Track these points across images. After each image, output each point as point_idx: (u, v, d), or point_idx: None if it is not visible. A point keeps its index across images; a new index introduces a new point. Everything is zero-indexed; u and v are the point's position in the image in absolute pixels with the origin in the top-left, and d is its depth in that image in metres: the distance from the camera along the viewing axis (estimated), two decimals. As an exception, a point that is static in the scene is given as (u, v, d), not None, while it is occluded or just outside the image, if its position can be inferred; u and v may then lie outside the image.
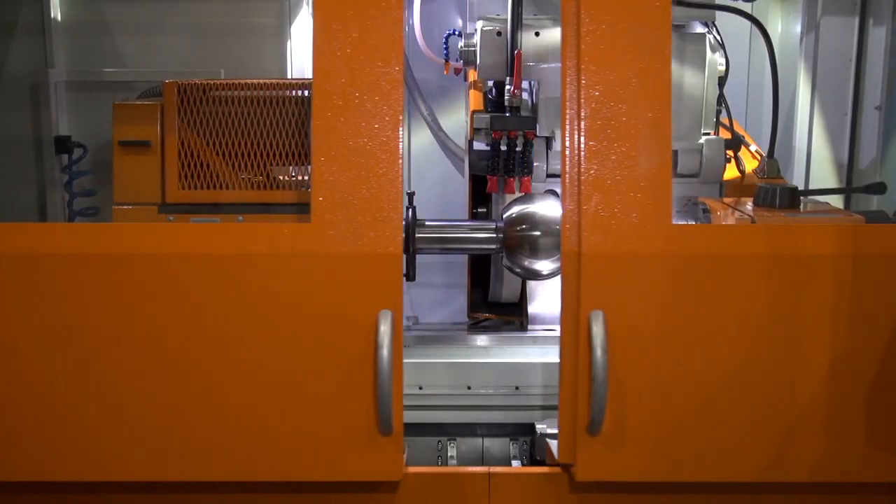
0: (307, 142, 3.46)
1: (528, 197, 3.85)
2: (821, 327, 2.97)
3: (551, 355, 3.78)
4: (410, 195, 3.83)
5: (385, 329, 2.84)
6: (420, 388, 3.71)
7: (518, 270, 3.83)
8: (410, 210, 3.84)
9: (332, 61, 2.92)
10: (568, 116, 2.97)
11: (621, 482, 3.12)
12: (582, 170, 2.95)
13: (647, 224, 2.95)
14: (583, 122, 2.95)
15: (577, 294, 2.95)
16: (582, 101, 2.95)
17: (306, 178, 3.47)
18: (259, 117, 3.44)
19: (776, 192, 3.36)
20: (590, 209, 2.96)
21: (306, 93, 3.45)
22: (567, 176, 2.98)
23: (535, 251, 3.72)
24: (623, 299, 2.96)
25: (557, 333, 3.95)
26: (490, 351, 3.90)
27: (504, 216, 3.81)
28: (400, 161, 2.92)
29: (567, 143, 2.97)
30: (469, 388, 3.71)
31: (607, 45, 2.98)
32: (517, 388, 3.70)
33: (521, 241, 3.73)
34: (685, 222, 3.82)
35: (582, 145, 2.95)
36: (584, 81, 2.96)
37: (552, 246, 3.70)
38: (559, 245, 3.72)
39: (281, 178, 3.49)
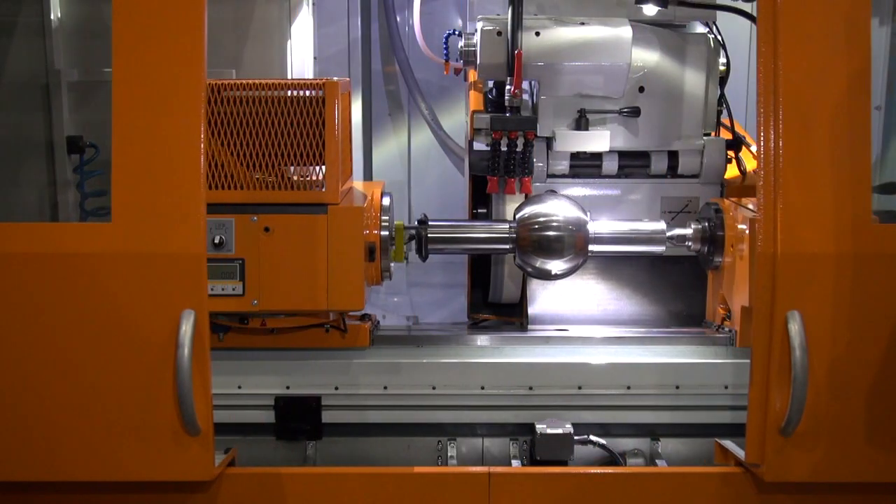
0: (320, 141, 3.44)
1: (540, 197, 3.86)
2: None
3: (565, 355, 3.79)
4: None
5: (186, 329, 2.84)
6: (433, 387, 3.71)
7: (530, 270, 3.83)
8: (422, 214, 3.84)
9: (132, 60, 2.89)
10: (762, 115, 2.92)
11: (809, 483, 3.07)
12: (779, 169, 2.89)
13: (846, 223, 2.91)
14: (780, 121, 2.89)
15: (772, 294, 2.89)
16: (779, 98, 2.89)
17: (321, 177, 3.45)
18: (273, 117, 3.41)
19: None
20: (786, 209, 2.89)
21: (320, 93, 3.42)
22: (762, 175, 2.91)
23: (548, 251, 3.72)
24: (820, 300, 2.90)
25: (570, 333, 4.00)
26: (503, 351, 3.87)
27: (517, 216, 3.81)
28: (202, 161, 2.87)
29: (762, 143, 2.91)
30: (483, 387, 3.71)
31: (806, 41, 2.93)
32: (531, 388, 3.70)
33: (534, 240, 3.73)
34: (700, 223, 3.84)
35: (779, 144, 2.89)
36: (781, 78, 2.89)
37: (565, 246, 3.71)
38: (573, 245, 3.74)
39: (294, 177, 3.46)
